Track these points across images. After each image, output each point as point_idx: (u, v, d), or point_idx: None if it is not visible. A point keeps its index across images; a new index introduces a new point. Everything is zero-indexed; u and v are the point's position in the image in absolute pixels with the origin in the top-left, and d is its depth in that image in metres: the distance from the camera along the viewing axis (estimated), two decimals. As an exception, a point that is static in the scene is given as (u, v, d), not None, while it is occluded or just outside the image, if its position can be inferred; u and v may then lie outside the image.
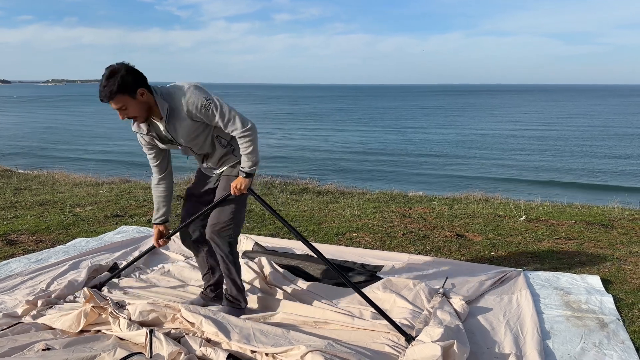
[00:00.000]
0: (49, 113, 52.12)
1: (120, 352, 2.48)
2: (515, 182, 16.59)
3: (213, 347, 2.46)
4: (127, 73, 2.52)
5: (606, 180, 16.88)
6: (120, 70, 2.52)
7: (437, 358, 2.28)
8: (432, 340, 2.43)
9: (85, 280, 3.40)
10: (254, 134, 2.76)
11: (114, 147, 26.33)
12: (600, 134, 30.90)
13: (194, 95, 2.65)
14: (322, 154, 23.25)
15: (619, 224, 5.58)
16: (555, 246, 4.72)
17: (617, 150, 23.84)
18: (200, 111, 2.67)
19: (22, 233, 4.96)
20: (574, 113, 49.35)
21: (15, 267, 3.88)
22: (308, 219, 5.73)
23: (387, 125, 39.45)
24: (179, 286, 3.52)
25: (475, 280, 3.65)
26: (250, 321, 2.68)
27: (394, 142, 28.15)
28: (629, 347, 2.75)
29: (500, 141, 27.61)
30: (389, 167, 20.17)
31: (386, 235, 5.06)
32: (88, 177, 9.73)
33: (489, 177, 17.57)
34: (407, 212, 6.18)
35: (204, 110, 2.66)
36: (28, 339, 2.64)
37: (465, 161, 21.49)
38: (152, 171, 3.01)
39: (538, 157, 22.16)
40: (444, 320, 2.74)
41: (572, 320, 3.10)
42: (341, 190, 8.09)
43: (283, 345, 2.42)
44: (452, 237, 5.00)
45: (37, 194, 7.33)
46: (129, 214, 5.88)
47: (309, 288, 3.37)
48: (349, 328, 2.80)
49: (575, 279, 3.80)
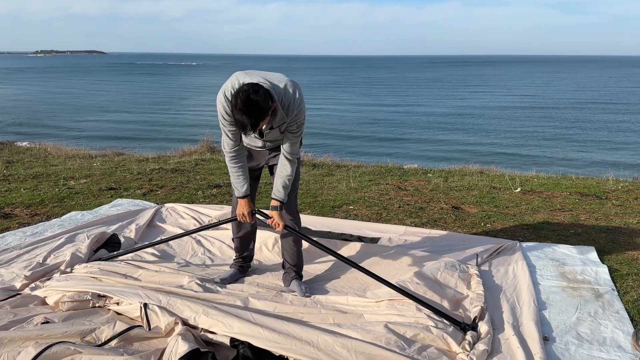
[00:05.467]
0: (38, 84, 51.31)
1: (120, 325, 2.48)
2: (510, 155, 16.62)
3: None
4: (265, 99, 2.45)
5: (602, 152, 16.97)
6: (258, 100, 2.43)
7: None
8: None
9: (89, 253, 3.40)
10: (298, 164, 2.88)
11: (110, 118, 26.09)
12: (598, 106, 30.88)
13: (301, 114, 2.68)
14: (317, 126, 23.12)
15: (614, 195, 5.62)
16: (551, 218, 4.74)
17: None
18: (292, 125, 2.69)
19: (17, 206, 4.92)
20: (575, 86, 49.09)
21: (11, 240, 3.86)
22: (304, 192, 5.72)
23: (384, 97, 39.20)
24: (180, 262, 3.51)
25: (472, 252, 3.67)
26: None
27: (391, 114, 28.04)
28: (624, 317, 2.79)
29: (500, 114, 27.50)
30: (385, 139, 20.13)
31: (382, 208, 5.06)
32: (81, 150, 9.65)
33: (485, 150, 17.59)
34: (403, 185, 6.18)
35: (295, 126, 2.70)
36: (27, 313, 2.64)
37: (461, 133, 21.48)
38: (228, 147, 2.80)
39: (535, 128, 22.16)
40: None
41: (568, 291, 3.13)
42: (337, 163, 8.07)
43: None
44: (448, 210, 5.02)
45: (29, 166, 7.26)
46: (123, 187, 5.84)
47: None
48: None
49: (571, 250, 3.83)
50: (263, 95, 2.44)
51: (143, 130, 22.47)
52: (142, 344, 2.41)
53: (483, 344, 2.41)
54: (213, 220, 4.38)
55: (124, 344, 2.39)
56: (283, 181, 2.81)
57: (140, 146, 13.24)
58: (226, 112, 2.63)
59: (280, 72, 2.73)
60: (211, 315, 2.52)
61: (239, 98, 2.43)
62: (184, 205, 4.78)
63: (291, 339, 2.34)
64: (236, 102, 2.44)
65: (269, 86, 2.53)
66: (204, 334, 2.44)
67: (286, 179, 2.80)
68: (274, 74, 2.70)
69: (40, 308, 2.74)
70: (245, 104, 2.42)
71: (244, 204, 2.89)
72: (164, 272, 3.18)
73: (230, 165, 2.85)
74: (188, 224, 4.35)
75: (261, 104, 2.43)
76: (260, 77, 2.57)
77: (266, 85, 2.51)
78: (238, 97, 2.44)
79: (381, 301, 2.80)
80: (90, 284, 2.93)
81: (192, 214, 4.54)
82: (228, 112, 2.62)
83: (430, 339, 2.43)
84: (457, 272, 3.20)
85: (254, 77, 2.57)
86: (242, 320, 2.47)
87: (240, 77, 2.60)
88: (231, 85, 2.60)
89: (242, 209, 2.91)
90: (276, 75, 2.67)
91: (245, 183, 2.86)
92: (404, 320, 2.59)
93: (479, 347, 2.38)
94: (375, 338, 2.39)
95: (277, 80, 2.63)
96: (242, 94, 2.43)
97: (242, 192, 2.87)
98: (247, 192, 2.87)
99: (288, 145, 2.76)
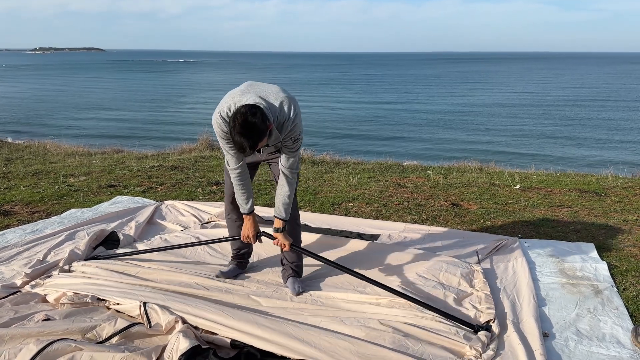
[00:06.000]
0: (38, 82, 51.20)
1: (121, 322, 2.49)
2: (510, 153, 16.62)
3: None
4: (262, 121, 2.43)
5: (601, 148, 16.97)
6: (256, 122, 2.42)
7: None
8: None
9: (87, 250, 3.40)
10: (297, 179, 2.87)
11: (108, 116, 26.04)
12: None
13: (296, 129, 2.64)
14: (317, 124, 23.11)
15: (613, 191, 5.62)
16: (550, 214, 4.75)
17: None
18: (287, 140, 2.67)
19: (17, 204, 4.92)
20: (575, 83, 49.02)
21: (11, 237, 3.86)
22: (304, 189, 5.72)
23: (382, 94, 39.16)
24: (177, 259, 3.52)
25: (471, 249, 3.68)
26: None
27: (389, 112, 28.01)
28: (623, 313, 2.80)
29: (499, 112, 27.49)
30: (384, 137, 20.12)
31: (382, 205, 5.07)
32: (80, 147, 9.65)
33: (485, 147, 17.59)
34: (402, 182, 6.19)
35: (290, 141, 2.67)
36: (27, 310, 2.65)
37: (460, 130, 21.48)
38: (232, 164, 2.77)
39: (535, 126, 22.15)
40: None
41: (567, 287, 3.14)
42: (336, 160, 8.07)
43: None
44: (448, 206, 5.02)
45: (29, 164, 7.26)
46: (123, 184, 5.84)
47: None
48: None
49: (570, 246, 3.84)
50: (261, 117, 2.42)
51: (142, 129, 22.44)
52: (143, 341, 2.41)
53: (494, 345, 2.41)
54: (212, 218, 4.39)
55: (124, 341, 2.39)
56: (283, 199, 2.81)
57: (139, 144, 13.24)
58: (224, 132, 2.62)
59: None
60: (211, 316, 2.50)
61: (237, 120, 2.42)
62: (184, 202, 4.79)
63: (293, 341, 2.32)
64: (234, 124, 2.43)
65: (265, 106, 2.50)
66: (205, 335, 2.43)
67: (286, 197, 2.81)
68: (271, 87, 2.67)
69: (41, 305, 2.74)
70: (243, 126, 2.40)
71: (249, 225, 2.90)
72: (162, 269, 3.17)
73: (235, 182, 2.82)
74: (188, 221, 4.35)
75: (259, 126, 2.41)
76: (255, 97, 2.53)
77: (262, 106, 2.49)
78: (236, 119, 2.43)
79: (382, 298, 2.80)
80: (89, 282, 2.93)
81: (192, 211, 4.54)
82: (226, 132, 2.60)
83: (434, 338, 2.43)
84: (459, 271, 3.21)
85: (249, 96, 2.54)
86: (243, 322, 2.45)
87: (236, 97, 2.57)
88: (227, 106, 2.57)
89: (247, 231, 2.91)
90: (272, 91, 2.63)
91: (249, 200, 2.86)
92: (406, 319, 2.59)
93: (491, 347, 2.38)
94: (378, 337, 2.39)
95: (273, 97, 2.59)
96: (240, 117, 2.41)
97: (246, 209, 2.87)
98: (252, 208, 2.88)
99: (285, 159, 2.75)
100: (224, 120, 2.59)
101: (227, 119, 2.56)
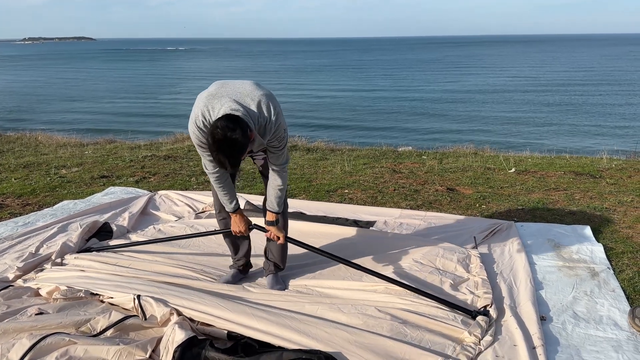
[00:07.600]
0: (28, 73, 50.60)
1: (115, 315, 2.46)
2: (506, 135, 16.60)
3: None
4: (243, 135, 2.22)
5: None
6: (237, 138, 2.20)
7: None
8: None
9: (80, 242, 3.36)
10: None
11: (98, 108, 25.79)
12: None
13: (280, 129, 2.46)
14: (310, 110, 22.96)
15: (608, 173, 5.62)
16: (545, 197, 4.74)
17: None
18: (273, 141, 2.51)
19: (8, 196, 4.86)
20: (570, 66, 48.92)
21: (3, 231, 3.82)
22: (299, 176, 5.69)
23: (376, 80, 38.94)
24: (172, 250, 3.49)
25: (468, 234, 3.66)
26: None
27: (384, 100, 27.86)
28: (620, 295, 2.80)
29: (493, 98, 27.39)
30: (379, 123, 20.04)
31: (377, 191, 5.04)
32: (72, 138, 9.55)
33: (480, 130, 17.56)
34: (397, 168, 6.16)
35: (276, 141, 2.51)
36: (20, 304, 2.62)
37: (456, 114, 21.42)
38: (210, 168, 2.58)
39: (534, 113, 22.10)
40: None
41: (564, 270, 3.14)
42: (330, 147, 8.02)
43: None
44: (443, 191, 5.01)
45: (20, 156, 7.17)
46: (116, 175, 5.78)
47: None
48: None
49: (566, 229, 3.83)
50: (241, 131, 2.20)
51: (134, 122, 22.20)
52: (138, 334, 2.39)
53: (492, 330, 2.40)
54: (207, 207, 4.36)
55: (119, 333, 2.37)
56: (275, 192, 2.70)
57: (132, 135, 13.11)
58: (201, 142, 2.41)
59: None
60: (207, 309, 2.46)
61: (215, 138, 2.19)
62: (178, 192, 4.74)
63: (290, 332, 2.30)
64: (213, 141, 2.21)
65: (243, 113, 2.27)
66: (201, 327, 2.40)
67: (278, 190, 2.70)
68: (244, 86, 2.41)
69: (34, 299, 2.71)
70: (222, 144, 2.20)
71: (237, 220, 2.75)
72: (156, 261, 3.15)
73: (215, 185, 2.66)
74: (182, 211, 4.32)
75: (240, 141, 2.21)
76: (230, 102, 2.29)
77: (240, 114, 2.26)
78: (215, 136, 2.19)
79: (378, 285, 2.79)
80: (82, 275, 2.90)
81: (186, 201, 4.50)
82: (203, 142, 2.39)
83: (433, 324, 2.42)
84: (456, 256, 3.20)
85: (223, 101, 2.30)
86: (239, 314, 2.42)
87: (209, 104, 2.34)
88: (201, 114, 2.35)
89: (238, 226, 2.76)
90: (247, 90, 2.38)
91: (233, 199, 2.70)
92: (404, 305, 2.58)
93: (489, 333, 2.37)
94: (376, 325, 2.38)
95: (249, 99, 2.35)
96: (218, 133, 2.18)
97: (231, 207, 2.72)
98: (237, 206, 2.72)
99: (275, 158, 2.62)
100: (200, 130, 2.37)
101: (203, 128, 2.36)
